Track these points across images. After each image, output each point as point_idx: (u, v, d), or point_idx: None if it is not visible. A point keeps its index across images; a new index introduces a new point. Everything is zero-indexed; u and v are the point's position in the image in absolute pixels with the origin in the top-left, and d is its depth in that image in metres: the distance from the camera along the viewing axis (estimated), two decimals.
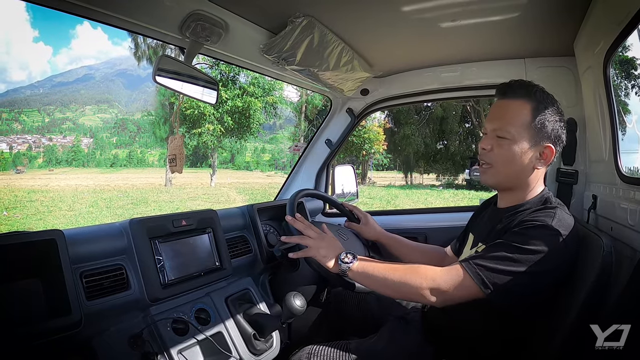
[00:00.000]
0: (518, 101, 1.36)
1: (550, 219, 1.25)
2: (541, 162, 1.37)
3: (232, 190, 25.33)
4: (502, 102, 1.41)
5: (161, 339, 1.41)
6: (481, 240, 1.44)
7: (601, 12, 1.43)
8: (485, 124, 1.44)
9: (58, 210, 15.80)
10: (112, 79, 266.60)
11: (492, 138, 1.39)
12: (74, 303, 1.20)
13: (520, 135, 1.34)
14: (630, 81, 1.81)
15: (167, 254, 1.55)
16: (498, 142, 1.37)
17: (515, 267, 1.20)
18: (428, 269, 1.30)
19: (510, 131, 1.35)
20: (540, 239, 1.21)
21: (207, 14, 1.46)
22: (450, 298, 1.25)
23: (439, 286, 1.25)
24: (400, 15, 1.64)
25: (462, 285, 1.23)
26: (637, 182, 1.35)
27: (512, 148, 1.35)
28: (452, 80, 2.33)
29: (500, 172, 1.40)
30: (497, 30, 1.82)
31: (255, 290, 1.83)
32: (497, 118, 1.40)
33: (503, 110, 1.39)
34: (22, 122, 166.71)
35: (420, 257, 1.82)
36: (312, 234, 1.54)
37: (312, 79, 2.08)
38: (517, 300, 1.23)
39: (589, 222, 1.76)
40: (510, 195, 1.44)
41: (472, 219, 1.71)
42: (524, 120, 1.34)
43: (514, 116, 1.35)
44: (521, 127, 1.34)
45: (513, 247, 1.22)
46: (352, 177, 2.73)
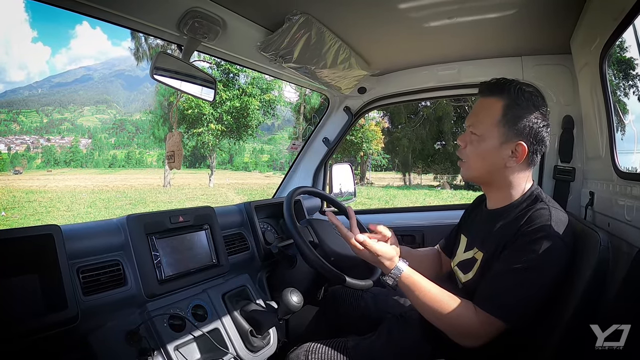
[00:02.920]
0: (491, 99, 1.38)
1: (547, 219, 1.24)
2: (513, 160, 1.34)
3: (231, 190, 25.33)
4: (480, 100, 1.43)
5: (158, 335, 1.41)
6: (477, 245, 1.43)
7: (597, 9, 1.44)
8: (466, 120, 1.47)
9: (56, 211, 15.78)
10: (110, 80, 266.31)
11: (467, 135, 1.42)
12: (71, 298, 1.20)
13: (490, 132, 1.35)
14: (626, 79, 1.82)
15: (164, 250, 1.55)
16: (471, 139, 1.40)
17: (530, 291, 1.21)
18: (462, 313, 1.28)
19: (480, 128, 1.37)
20: (544, 250, 1.21)
21: (204, 11, 1.46)
22: (479, 342, 1.26)
23: (470, 334, 1.26)
24: (397, 13, 1.64)
25: (491, 330, 1.24)
26: (634, 178, 1.36)
27: (481, 145, 1.36)
28: (449, 78, 2.33)
29: (472, 167, 1.42)
30: (494, 28, 1.82)
31: (252, 287, 1.83)
32: (472, 115, 1.43)
33: (478, 108, 1.42)
34: (21, 123, 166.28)
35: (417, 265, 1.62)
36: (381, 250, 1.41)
37: (310, 77, 2.08)
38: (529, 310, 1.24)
39: (586, 218, 1.77)
40: (496, 195, 1.44)
41: (464, 218, 1.70)
42: (494, 117, 1.35)
43: (485, 113, 1.37)
44: (491, 124, 1.35)
45: (521, 270, 1.22)
46: (349, 175, 2.73)
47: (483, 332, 1.24)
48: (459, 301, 1.29)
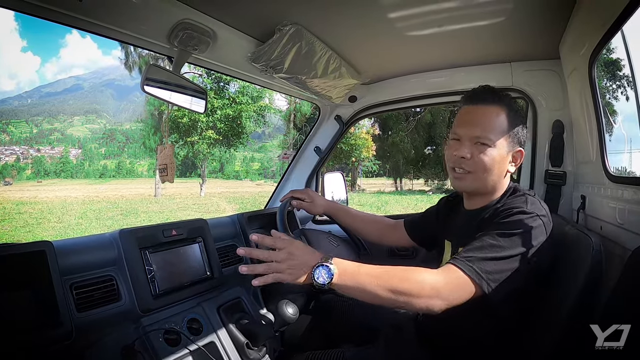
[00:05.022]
0: (493, 107, 1.37)
1: (524, 204, 1.28)
2: (512, 166, 1.40)
3: (222, 199, 25.21)
4: (476, 108, 1.40)
5: (153, 350, 1.39)
6: (461, 244, 1.40)
7: (585, 14, 1.45)
8: (458, 130, 1.41)
9: (47, 222, 15.62)
10: (100, 89, 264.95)
11: (470, 145, 1.37)
12: (65, 315, 1.19)
13: (500, 142, 1.35)
14: (615, 84, 1.84)
15: (158, 264, 1.54)
16: (479, 149, 1.36)
17: (503, 252, 1.19)
18: (424, 274, 1.18)
19: (492, 138, 1.35)
20: (519, 222, 1.23)
21: (195, 23, 1.46)
22: (451, 302, 1.17)
23: (439, 292, 1.16)
24: (387, 22, 1.65)
25: (460, 285, 1.18)
26: (625, 182, 1.37)
27: (493, 154, 1.35)
28: (440, 85, 2.34)
29: (480, 178, 1.38)
30: (483, 35, 1.84)
31: (247, 298, 1.83)
32: (475, 124, 1.38)
33: (480, 117, 1.38)
34: (10, 133, 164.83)
35: (365, 226, 1.91)
36: (279, 255, 1.25)
37: (301, 87, 2.09)
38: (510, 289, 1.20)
39: (578, 222, 1.78)
40: (481, 198, 1.44)
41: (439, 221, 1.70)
42: (503, 126, 1.35)
43: (494, 122, 1.36)
44: (501, 133, 1.35)
45: (496, 234, 1.22)
46: (341, 184, 2.73)
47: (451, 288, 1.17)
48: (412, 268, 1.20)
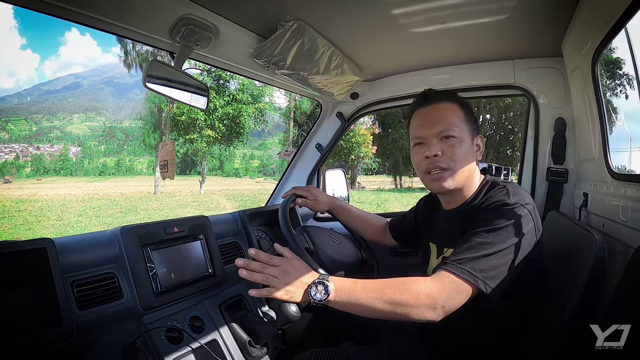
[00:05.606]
0: (445, 103, 1.40)
1: (506, 196, 1.27)
2: (478, 154, 1.42)
3: (222, 197, 25.26)
4: (430, 107, 1.42)
5: (155, 348, 1.39)
6: (446, 245, 1.43)
7: (589, 12, 1.44)
8: (420, 132, 1.41)
9: (47, 220, 15.64)
10: (99, 87, 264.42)
11: (438, 142, 1.37)
12: (66, 313, 1.18)
13: (463, 132, 1.37)
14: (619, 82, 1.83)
15: (160, 262, 1.53)
16: (447, 143, 1.36)
17: (493, 248, 1.18)
18: (419, 283, 1.17)
19: (455, 129, 1.36)
20: (504, 214, 1.22)
21: (197, 18, 1.45)
22: (449, 309, 1.16)
23: (434, 300, 1.14)
24: (390, 18, 1.64)
25: (456, 289, 1.16)
26: (628, 179, 1.37)
27: (463, 144, 1.36)
28: (442, 82, 2.32)
29: (459, 172, 1.36)
30: (486, 32, 1.83)
31: (249, 296, 1.82)
32: (436, 121, 1.38)
33: (438, 113, 1.39)
34: (9, 131, 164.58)
35: (362, 226, 1.98)
36: (274, 271, 1.26)
37: (302, 84, 2.08)
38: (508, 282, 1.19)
39: (580, 219, 1.78)
40: (457, 195, 1.43)
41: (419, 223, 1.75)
42: (461, 116, 1.39)
43: (452, 115, 1.38)
44: (461, 123, 1.38)
45: (483, 231, 1.21)
46: (342, 181, 2.72)
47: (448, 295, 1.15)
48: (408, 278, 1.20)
